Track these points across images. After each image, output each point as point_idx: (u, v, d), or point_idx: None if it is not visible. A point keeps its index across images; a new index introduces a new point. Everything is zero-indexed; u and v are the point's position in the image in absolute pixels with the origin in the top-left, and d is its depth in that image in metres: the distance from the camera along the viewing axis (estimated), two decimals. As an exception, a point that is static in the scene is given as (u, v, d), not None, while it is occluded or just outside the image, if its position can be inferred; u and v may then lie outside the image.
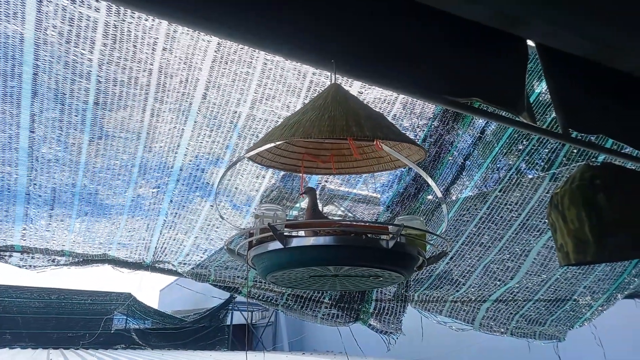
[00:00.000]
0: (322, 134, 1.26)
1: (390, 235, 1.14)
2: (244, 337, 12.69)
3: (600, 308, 3.60)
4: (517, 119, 2.04)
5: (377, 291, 3.07)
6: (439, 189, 1.40)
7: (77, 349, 8.64)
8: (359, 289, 1.45)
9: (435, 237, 2.01)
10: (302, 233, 1.23)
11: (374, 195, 2.90)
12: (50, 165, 2.12)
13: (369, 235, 1.20)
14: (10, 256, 2.56)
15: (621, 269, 3.42)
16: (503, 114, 2.02)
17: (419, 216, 1.95)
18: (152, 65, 2.01)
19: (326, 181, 2.59)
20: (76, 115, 2.01)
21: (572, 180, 1.96)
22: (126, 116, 2.10)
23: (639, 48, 1.99)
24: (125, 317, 10.86)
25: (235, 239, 1.51)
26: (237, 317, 12.41)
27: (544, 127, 2.72)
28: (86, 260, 2.75)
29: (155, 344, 10.16)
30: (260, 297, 3.09)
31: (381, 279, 1.30)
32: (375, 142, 1.45)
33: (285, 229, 1.21)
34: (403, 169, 2.68)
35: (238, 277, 3.04)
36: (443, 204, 1.33)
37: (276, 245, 1.18)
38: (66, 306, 10.36)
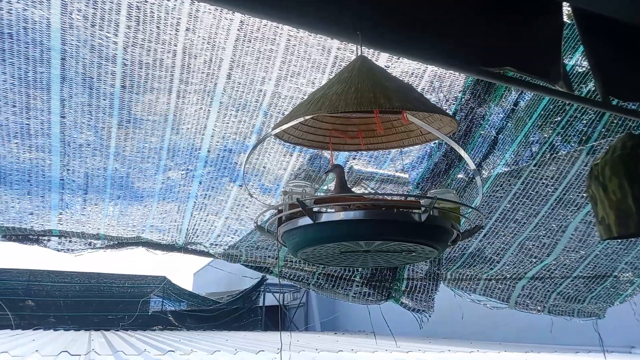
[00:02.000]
0: (349, 107, 1.23)
1: (423, 209, 1.10)
2: (276, 318, 12.91)
3: (642, 284, 3.47)
4: (553, 87, 1.95)
5: (408, 269, 3.04)
6: (472, 161, 1.35)
7: (117, 330, 8.96)
8: (391, 265, 1.42)
9: (469, 211, 1.95)
10: (332, 210, 1.21)
11: (402, 175, 2.84)
12: (82, 150, 2.15)
13: (400, 209, 1.16)
14: (49, 240, 2.64)
15: (665, 243, 3.28)
16: (539, 83, 1.93)
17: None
18: (175, 46, 2.00)
19: (353, 158, 2.55)
20: (104, 100, 2.02)
21: (613, 150, 1.87)
22: (153, 99, 2.11)
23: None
24: (161, 300, 11.18)
25: (265, 216, 1.50)
26: (270, 299, 12.60)
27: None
28: (121, 243, 2.81)
29: (190, 325, 10.44)
30: (291, 277, 3.10)
31: (414, 254, 1.27)
32: (402, 114, 1.41)
33: (314, 205, 1.18)
34: (433, 145, 2.61)
35: (269, 256, 3.05)
36: (477, 176, 1.28)
37: (306, 221, 1.16)
38: (105, 290, 10.73)
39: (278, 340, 6.04)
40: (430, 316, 3.12)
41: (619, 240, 3.26)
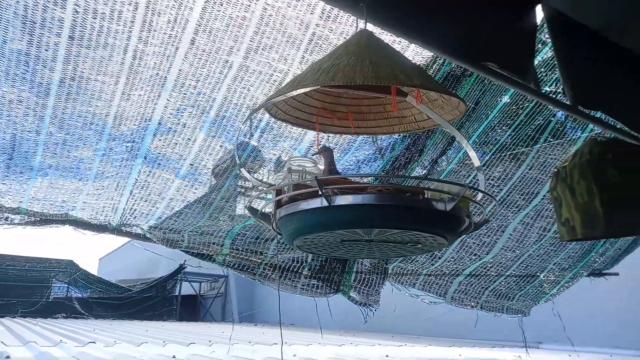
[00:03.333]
0: (367, 80, 1.11)
1: (450, 196, 1.00)
2: (191, 308, 12.44)
3: (565, 285, 3.71)
4: (529, 86, 1.96)
5: (358, 262, 2.98)
6: (477, 157, 1.29)
7: (14, 317, 8.11)
8: (387, 256, 1.32)
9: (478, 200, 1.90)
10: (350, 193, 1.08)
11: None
12: (12, 106, 1.82)
13: (421, 195, 1.06)
14: (-48, 212, 2.24)
15: (589, 247, 3.52)
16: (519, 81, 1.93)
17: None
18: (139, -2, 1.75)
19: (318, 146, 2.42)
20: (46, 50, 1.72)
21: (580, 155, 1.92)
22: (105, 56, 1.83)
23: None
24: (66, 286, 10.30)
25: (253, 197, 1.34)
26: (185, 288, 12.11)
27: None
28: (44, 219, 2.47)
29: (98, 313, 9.73)
30: (236, 266, 2.92)
31: (419, 245, 1.18)
32: (417, 93, 1.32)
33: (324, 186, 1.05)
34: (397, 137, 2.56)
35: (213, 243, 2.84)
36: (480, 173, 1.22)
37: (316, 203, 1.02)
38: (1, 272, 9.66)
39: (204, 332, 5.78)
40: (376, 310, 3.09)
41: (551, 242, 3.45)
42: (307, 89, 1.11)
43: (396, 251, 1.29)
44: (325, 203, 0.99)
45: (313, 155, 1.36)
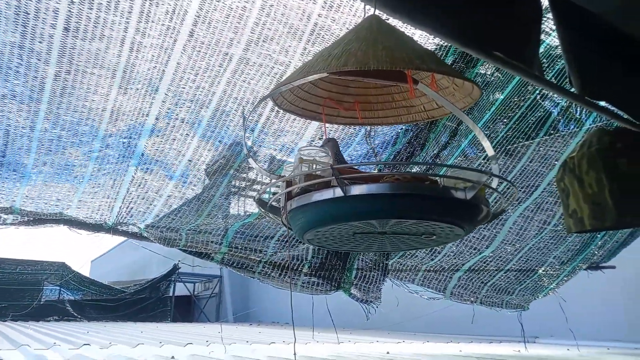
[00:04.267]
0: (381, 64, 1.07)
1: (470, 184, 0.97)
2: (185, 309, 12.35)
3: (565, 278, 3.71)
4: (535, 75, 1.93)
5: (359, 259, 2.95)
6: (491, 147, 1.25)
7: (5, 320, 7.98)
8: (399, 249, 1.28)
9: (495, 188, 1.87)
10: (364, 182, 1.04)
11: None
12: (5, 101, 1.76)
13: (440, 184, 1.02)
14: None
15: (588, 239, 3.51)
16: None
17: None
18: (136, -13, 1.69)
19: (320, 139, 2.38)
20: (41, 42, 1.66)
21: (589, 144, 1.89)
22: (102, 48, 1.78)
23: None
24: (58, 288, 10.15)
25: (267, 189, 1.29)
26: (179, 289, 12.01)
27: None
28: (38, 219, 2.40)
29: (91, 315, 9.61)
30: (235, 264, 2.87)
31: (434, 237, 1.14)
32: (432, 79, 1.28)
33: (339, 176, 1.00)
34: (400, 130, 2.53)
35: (212, 242, 2.79)
36: (493, 162, 1.18)
37: (330, 194, 0.98)
38: (-9, 276, 9.50)
39: (200, 332, 5.72)
40: (377, 307, 3.06)
41: (550, 236, 3.44)
42: (319, 76, 1.07)
43: (409, 243, 1.25)
44: (340, 193, 0.95)
45: (320, 146, 1.31)
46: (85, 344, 3.06)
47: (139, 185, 2.43)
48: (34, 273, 9.97)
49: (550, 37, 2.35)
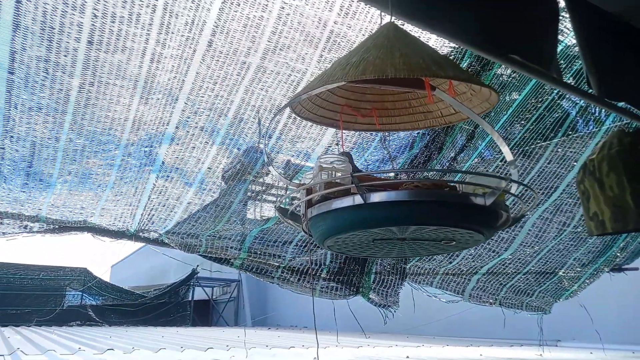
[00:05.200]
0: (399, 72, 1.08)
1: (490, 190, 0.97)
2: (204, 313, 12.45)
3: (587, 281, 3.66)
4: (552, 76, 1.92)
5: (377, 264, 2.95)
6: (510, 152, 1.26)
7: (29, 326, 8.14)
8: (418, 255, 1.29)
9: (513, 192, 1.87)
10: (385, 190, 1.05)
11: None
12: (32, 114, 1.82)
13: (458, 190, 1.03)
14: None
15: (610, 241, 3.47)
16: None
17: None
18: (156, 0, 1.73)
19: (336, 144, 2.40)
20: (65, 56, 1.71)
21: (609, 146, 1.88)
22: (124, 60, 1.82)
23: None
24: (80, 293, 10.34)
25: (286, 197, 1.31)
26: (197, 293, 12.12)
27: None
28: (63, 227, 2.46)
29: (113, 320, 9.75)
30: (254, 270, 2.90)
31: (454, 242, 1.15)
32: (450, 85, 1.29)
33: (359, 183, 1.02)
34: (416, 135, 2.53)
35: (231, 247, 2.82)
36: (512, 167, 1.18)
37: (350, 201, 0.99)
38: (16, 281, 9.70)
39: (219, 337, 5.77)
40: (395, 311, 3.06)
41: (570, 237, 3.40)
42: (337, 84, 1.09)
43: (428, 249, 1.26)
44: (360, 200, 0.96)
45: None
46: (109, 349, 3.12)
47: (160, 193, 2.48)
48: (57, 279, 10.17)
49: (568, 37, 2.34)
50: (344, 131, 1.76)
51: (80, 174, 2.16)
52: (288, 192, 1.44)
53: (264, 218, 2.73)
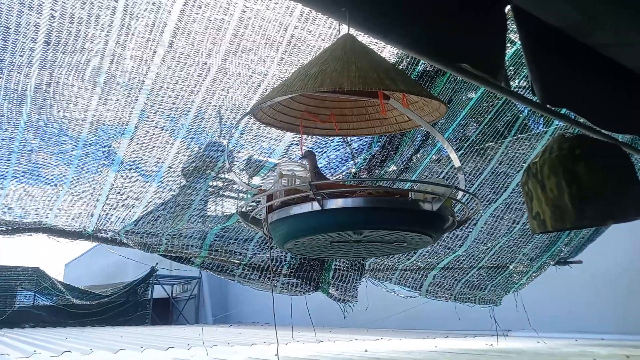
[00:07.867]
0: (354, 85, 1.15)
1: (436, 197, 1.05)
2: (163, 312, 12.26)
3: (534, 274, 3.87)
4: (500, 85, 2.04)
5: (336, 260, 3.03)
6: (457, 158, 1.35)
7: (-22, 329, 7.79)
8: (373, 255, 1.37)
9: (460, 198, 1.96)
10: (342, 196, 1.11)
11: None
12: (-15, 114, 1.78)
13: (409, 197, 1.10)
14: None
15: (555, 237, 3.68)
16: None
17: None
18: (116, 1, 1.73)
19: (297, 144, 2.45)
20: (21, 56, 1.68)
21: (550, 150, 2.01)
22: (82, 61, 1.81)
23: (614, 22, 2.05)
24: (32, 294, 9.97)
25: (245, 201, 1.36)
26: (156, 292, 11.91)
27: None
28: (17, 228, 2.40)
29: (68, 321, 9.46)
30: (214, 268, 2.92)
31: (405, 244, 1.23)
32: (403, 97, 1.36)
33: (317, 191, 1.08)
34: (372, 136, 2.61)
35: (192, 245, 2.83)
36: (460, 173, 1.28)
37: (309, 207, 1.05)
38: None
39: (180, 335, 5.72)
40: (354, 306, 3.15)
41: (519, 234, 3.59)
42: (296, 94, 1.14)
43: (382, 250, 1.34)
44: (317, 207, 1.02)
45: (300, 159, 1.39)
46: (66, 351, 3.06)
47: (119, 192, 2.46)
48: (7, 279, 9.77)
49: (517, 44, 2.47)
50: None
51: (36, 175, 2.12)
52: (250, 198, 1.48)
53: (225, 215, 2.75)
